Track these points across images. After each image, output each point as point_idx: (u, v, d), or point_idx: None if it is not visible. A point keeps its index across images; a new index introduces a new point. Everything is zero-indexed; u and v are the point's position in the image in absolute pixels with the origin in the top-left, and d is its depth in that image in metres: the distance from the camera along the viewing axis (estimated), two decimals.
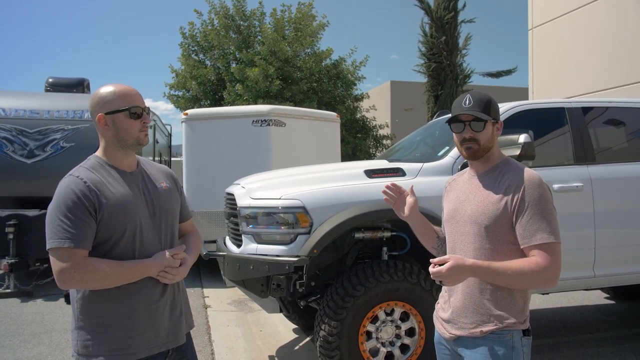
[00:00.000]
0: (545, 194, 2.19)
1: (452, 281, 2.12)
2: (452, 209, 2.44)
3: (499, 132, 2.37)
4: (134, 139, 2.20)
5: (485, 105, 2.29)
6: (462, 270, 2.09)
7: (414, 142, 5.86)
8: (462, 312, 2.31)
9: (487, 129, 2.30)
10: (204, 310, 7.17)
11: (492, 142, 2.33)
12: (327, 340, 4.08)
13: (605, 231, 4.73)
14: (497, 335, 2.22)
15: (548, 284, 2.15)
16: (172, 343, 2.26)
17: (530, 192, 2.17)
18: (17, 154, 8.83)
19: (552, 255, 2.12)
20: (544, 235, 2.13)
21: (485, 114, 2.27)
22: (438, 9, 20.41)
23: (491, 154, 2.36)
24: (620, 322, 6.55)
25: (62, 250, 2.00)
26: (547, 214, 2.16)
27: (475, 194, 2.33)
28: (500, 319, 2.22)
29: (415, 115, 22.87)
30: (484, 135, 2.30)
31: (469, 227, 2.31)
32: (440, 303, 2.52)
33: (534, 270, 2.10)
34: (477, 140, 2.30)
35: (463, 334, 2.30)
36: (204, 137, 9.22)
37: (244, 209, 4.43)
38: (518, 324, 2.24)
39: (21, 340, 5.95)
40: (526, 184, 2.19)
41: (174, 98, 19.18)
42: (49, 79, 11.58)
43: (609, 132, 5.50)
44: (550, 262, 2.11)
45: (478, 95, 2.33)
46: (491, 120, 2.30)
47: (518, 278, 2.12)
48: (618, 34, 11.79)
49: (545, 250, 2.12)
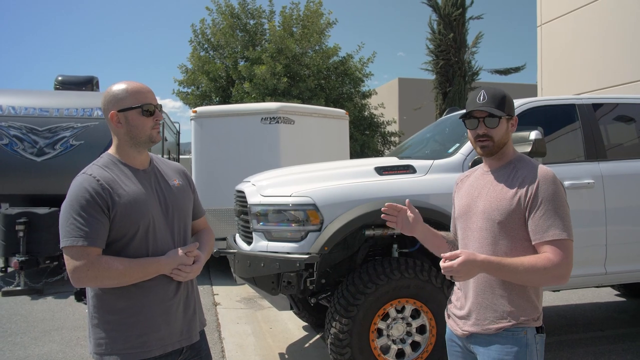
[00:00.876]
0: (559, 191, 2.16)
1: (463, 276, 2.08)
2: (465, 204, 2.41)
3: (513, 128, 2.34)
4: (146, 136, 2.20)
5: (500, 101, 2.27)
6: (473, 266, 2.06)
7: (424, 139, 5.84)
8: (475, 309, 2.30)
9: (502, 125, 2.27)
10: (213, 307, 7.18)
11: (506, 138, 2.31)
12: (338, 338, 4.08)
13: (617, 228, 4.70)
14: (511, 332, 2.21)
15: (559, 280, 2.12)
16: (185, 341, 2.26)
17: (544, 188, 2.15)
18: (27, 152, 8.89)
19: (564, 252, 2.09)
20: (557, 231, 2.10)
21: (499, 110, 2.25)
22: (446, 5, 20.30)
23: (505, 150, 2.33)
24: (631, 320, 6.52)
25: (76, 249, 2.00)
26: (560, 210, 2.14)
27: (488, 190, 2.31)
28: (514, 316, 2.20)
29: (424, 113, 22.76)
30: (498, 131, 2.27)
31: (481, 222, 2.29)
32: (452, 300, 2.50)
33: (545, 266, 2.07)
34: (492, 136, 2.27)
35: (476, 331, 2.28)
36: (213, 134, 9.23)
37: (254, 206, 4.43)
38: (532, 321, 2.22)
39: (32, 338, 5.98)
40: (540, 180, 2.16)
41: (183, 95, 19.19)
42: (59, 77, 11.63)
43: (620, 129, 5.47)
44: (562, 259, 2.08)
45: (492, 91, 2.30)
46: (505, 116, 2.27)
47: (530, 274, 2.10)
48: (626, 30, 11.71)
49: (557, 246, 2.10)
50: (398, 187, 4.31)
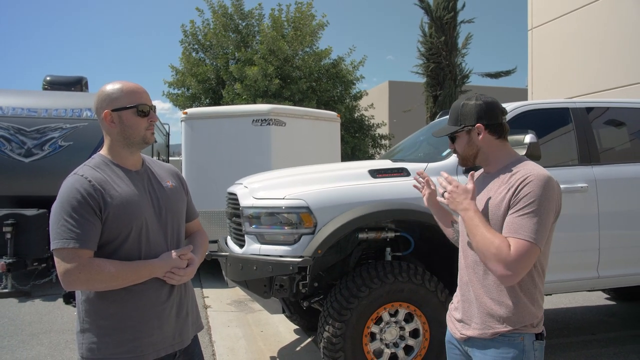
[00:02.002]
0: (544, 194, 2.08)
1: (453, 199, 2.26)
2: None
3: (483, 134, 2.29)
4: (140, 137, 2.17)
5: (455, 116, 2.38)
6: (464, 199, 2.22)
7: (417, 142, 5.83)
8: (472, 313, 2.29)
9: (461, 139, 2.36)
10: (204, 310, 7.11)
11: (472, 149, 2.34)
12: (331, 342, 4.04)
13: (610, 232, 4.70)
14: (508, 337, 2.18)
15: (501, 272, 2.06)
16: (178, 345, 2.22)
17: (528, 188, 2.10)
18: (14, 153, 8.78)
19: (523, 250, 2.03)
20: (526, 233, 2.04)
21: (453, 126, 2.36)
22: (437, 8, 20.37)
23: (487, 157, 2.34)
24: (622, 323, 6.54)
25: (67, 251, 1.95)
26: (538, 213, 2.07)
27: (482, 195, 2.30)
28: (510, 322, 2.17)
29: (414, 116, 22.80)
30: (459, 146, 2.38)
31: None
32: (453, 302, 2.50)
33: (498, 247, 2.04)
34: (457, 151, 2.40)
35: (473, 335, 2.26)
36: (204, 136, 9.17)
37: (247, 208, 4.39)
38: (530, 327, 2.18)
39: (19, 341, 5.90)
40: (529, 180, 2.11)
41: (173, 96, 19.09)
42: (47, 77, 11.52)
43: (613, 133, 5.47)
44: (518, 253, 2.02)
45: (453, 107, 2.43)
46: (459, 131, 2.34)
47: (481, 243, 2.10)
48: (618, 34, 11.79)
49: (520, 242, 2.04)
50: (392, 190, 4.28)
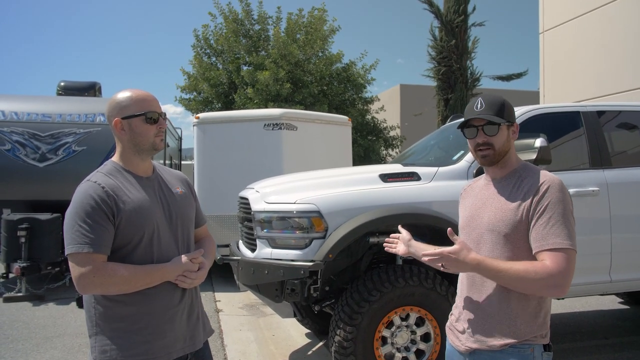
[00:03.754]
0: (565, 199, 2.07)
1: (452, 266, 2.07)
2: (468, 216, 2.34)
3: (515, 136, 2.27)
4: (149, 143, 2.21)
5: (498, 108, 2.20)
6: (465, 259, 2.04)
7: (428, 146, 5.83)
8: (479, 324, 2.20)
9: (502, 133, 2.20)
10: (216, 314, 7.15)
11: (508, 146, 2.23)
12: (343, 346, 4.06)
13: (622, 236, 4.68)
14: (517, 349, 2.11)
15: (554, 291, 2.00)
16: (189, 347, 2.25)
17: (549, 194, 2.06)
18: (29, 158, 8.89)
19: (564, 261, 1.97)
20: (558, 239, 1.99)
21: (498, 117, 2.19)
22: (448, 12, 20.32)
23: (508, 159, 2.25)
24: (635, 328, 6.48)
25: (81, 256, 1.99)
26: (565, 218, 2.03)
27: (492, 201, 2.23)
28: (521, 333, 2.11)
29: (425, 119, 22.76)
30: (498, 139, 2.20)
31: (486, 235, 2.20)
32: (454, 314, 2.39)
33: (537, 273, 1.96)
34: (492, 144, 2.20)
35: (480, 347, 2.18)
36: (216, 140, 9.22)
37: (258, 213, 4.42)
38: (539, 338, 2.13)
39: (34, 345, 5.96)
40: (545, 187, 2.08)
41: (185, 101, 19.19)
42: (61, 83, 11.62)
43: (625, 136, 5.45)
44: (560, 268, 1.96)
45: (490, 98, 2.23)
46: (505, 123, 2.20)
47: (519, 280, 2.00)
48: (629, 37, 11.72)
49: (557, 254, 1.98)
50: (402, 195, 4.29)
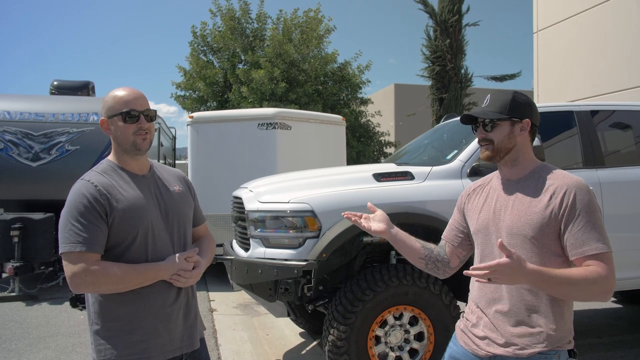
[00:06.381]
0: (593, 200, 2.04)
1: (505, 279, 1.87)
2: (485, 219, 2.23)
3: (524, 132, 2.18)
4: (129, 142, 2.19)
5: (502, 104, 2.16)
6: (520, 270, 1.84)
7: (422, 146, 5.84)
8: (505, 329, 2.11)
9: (501, 129, 2.16)
10: (209, 313, 7.14)
11: (511, 143, 2.16)
12: (336, 345, 4.06)
13: (615, 235, 4.64)
14: (545, 355, 2.04)
15: (606, 295, 2.00)
16: (186, 347, 2.24)
17: (580, 198, 2.01)
18: (22, 157, 8.86)
19: (609, 265, 1.96)
20: (598, 244, 1.97)
21: (498, 113, 2.15)
22: (442, 12, 20.40)
23: (519, 158, 2.19)
24: (628, 326, 6.52)
25: (75, 255, 1.99)
26: (598, 221, 2.01)
27: (514, 203, 2.14)
28: (551, 339, 2.05)
29: (420, 119, 22.81)
30: (496, 135, 2.16)
31: (508, 239, 2.09)
32: (471, 320, 2.26)
33: (596, 280, 1.93)
34: (491, 140, 2.17)
35: (504, 354, 2.09)
36: (210, 140, 9.20)
37: (252, 212, 4.42)
38: (566, 344, 2.08)
39: (27, 344, 5.93)
40: (575, 189, 2.03)
41: (180, 99, 19.15)
42: (54, 82, 11.56)
43: (618, 136, 5.48)
44: (610, 272, 1.95)
45: (497, 94, 2.22)
46: (506, 119, 2.15)
47: (581, 287, 1.95)
48: (623, 37, 11.76)
49: (601, 260, 1.96)
50: (396, 194, 4.30)
